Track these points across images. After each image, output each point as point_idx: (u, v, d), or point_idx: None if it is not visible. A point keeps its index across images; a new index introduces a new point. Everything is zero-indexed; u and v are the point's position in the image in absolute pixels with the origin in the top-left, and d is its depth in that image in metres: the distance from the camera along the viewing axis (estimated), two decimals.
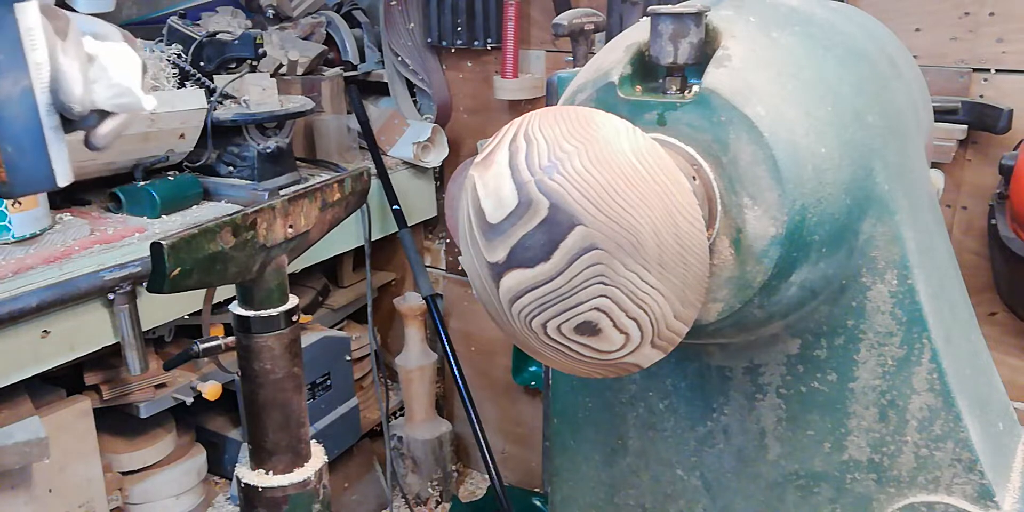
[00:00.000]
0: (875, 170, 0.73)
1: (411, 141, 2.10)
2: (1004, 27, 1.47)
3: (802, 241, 0.69)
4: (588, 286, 0.60)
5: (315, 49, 2.02)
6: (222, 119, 1.58)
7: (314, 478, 0.96)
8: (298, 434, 0.95)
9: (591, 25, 1.33)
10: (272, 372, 0.91)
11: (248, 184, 1.65)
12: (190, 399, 1.65)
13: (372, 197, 2.00)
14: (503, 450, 2.42)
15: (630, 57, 0.75)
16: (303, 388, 0.95)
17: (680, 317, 0.63)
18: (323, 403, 2.00)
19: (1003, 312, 1.59)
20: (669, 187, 0.60)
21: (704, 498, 0.93)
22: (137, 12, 1.99)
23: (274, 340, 0.90)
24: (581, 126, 0.61)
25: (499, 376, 2.34)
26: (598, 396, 0.97)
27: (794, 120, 0.68)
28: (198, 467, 1.82)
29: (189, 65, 1.66)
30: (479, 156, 0.64)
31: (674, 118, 0.71)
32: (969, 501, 0.78)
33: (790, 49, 0.73)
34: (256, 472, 0.95)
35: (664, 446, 0.94)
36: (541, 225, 0.59)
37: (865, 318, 0.77)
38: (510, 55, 1.97)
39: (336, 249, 1.97)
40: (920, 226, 0.79)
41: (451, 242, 2.36)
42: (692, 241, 0.61)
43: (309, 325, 2.02)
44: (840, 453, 0.82)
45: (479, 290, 0.67)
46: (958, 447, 0.77)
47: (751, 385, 0.85)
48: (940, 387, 0.77)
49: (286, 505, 0.94)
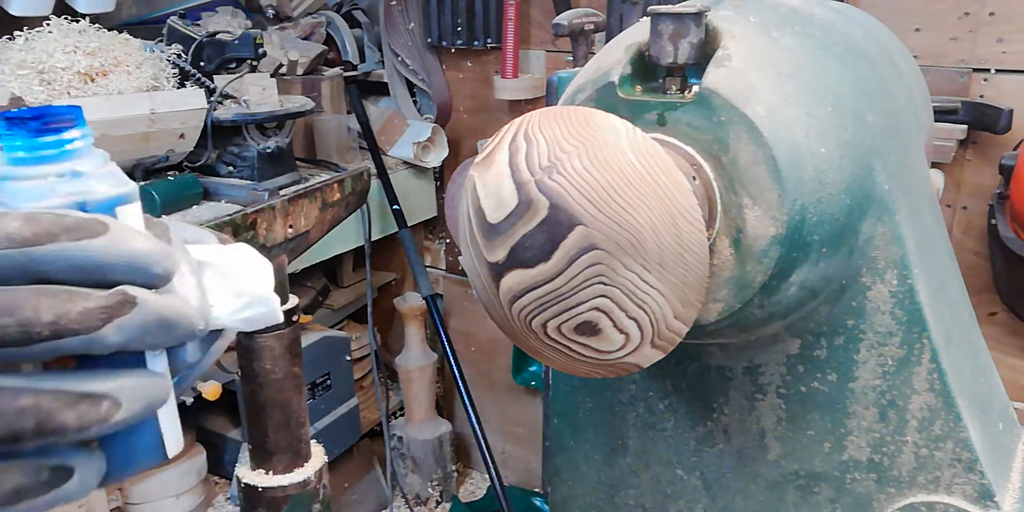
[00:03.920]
0: (875, 170, 0.73)
1: (411, 141, 2.10)
2: (1004, 27, 1.47)
3: (802, 241, 0.69)
4: (588, 286, 0.60)
5: (315, 49, 2.02)
6: (222, 119, 1.58)
7: (314, 478, 0.96)
8: (298, 434, 0.95)
9: (591, 25, 1.33)
10: (272, 372, 0.91)
11: (248, 184, 1.65)
12: (190, 399, 1.65)
13: (372, 197, 2.00)
14: (503, 450, 2.42)
15: (630, 57, 0.75)
16: (303, 388, 0.95)
17: (680, 317, 0.63)
18: (323, 403, 2.00)
19: (1003, 312, 1.59)
20: (669, 187, 0.60)
21: (704, 498, 0.93)
22: (137, 12, 1.99)
23: (274, 340, 0.90)
24: (581, 126, 0.61)
25: (499, 376, 2.34)
26: (598, 396, 0.97)
27: (794, 120, 0.68)
28: (198, 467, 1.82)
29: (189, 65, 1.66)
30: (479, 156, 0.64)
31: (674, 118, 0.71)
32: (969, 501, 0.78)
33: (790, 49, 0.73)
34: (256, 472, 0.95)
35: (664, 446, 0.94)
36: (541, 225, 0.59)
37: (865, 318, 0.77)
38: (510, 55, 1.97)
39: (336, 249, 1.97)
40: (920, 226, 0.79)
41: (451, 242, 2.36)
42: (692, 241, 0.61)
43: (309, 325, 2.02)
44: (840, 453, 0.82)
45: (479, 290, 0.67)
46: (958, 447, 0.77)
47: (751, 385, 0.85)
48: (940, 387, 0.77)
49: (286, 505, 0.94)
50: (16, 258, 0.30)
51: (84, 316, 0.31)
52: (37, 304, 0.30)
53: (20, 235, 0.30)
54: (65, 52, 1.45)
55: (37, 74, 1.42)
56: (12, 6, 1.56)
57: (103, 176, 0.36)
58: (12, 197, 0.34)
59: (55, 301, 0.31)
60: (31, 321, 0.30)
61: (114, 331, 0.31)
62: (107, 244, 0.32)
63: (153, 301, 0.33)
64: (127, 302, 0.32)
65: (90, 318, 0.31)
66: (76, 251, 0.31)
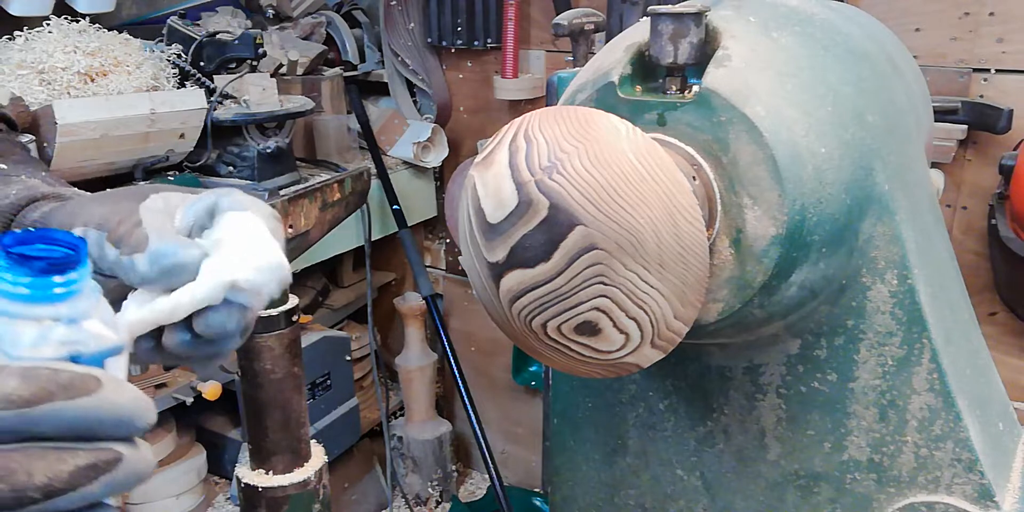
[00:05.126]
0: (875, 170, 0.73)
1: (411, 141, 2.10)
2: (1004, 27, 1.47)
3: (802, 241, 0.69)
4: (588, 286, 0.60)
5: (315, 49, 2.02)
6: (222, 119, 1.58)
7: (314, 478, 0.96)
8: (298, 434, 0.95)
9: (591, 25, 1.33)
10: (272, 372, 0.91)
11: (248, 184, 1.65)
12: (190, 399, 1.65)
13: (372, 197, 2.00)
14: (503, 450, 2.42)
15: (630, 57, 0.75)
16: (303, 388, 0.95)
17: (680, 317, 0.63)
18: (323, 403, 2.00)
19: (1003, 312, 1.59)
20: (669, 187, 0.60)
21: (704, 498, 0.93)
22: (137, 12, 1.99)
23: (274, 340, 0.90)
24: (581, 126, 0.61)
25: (499, 376, 2.34)
26: (598, 396, 0.97)
27: (794, 120, 0.68)
28: (198, 467, 1.82)
29: (189, 65, 1.66)
30: (479, 156, 0.64)
31: (674, 118, 0.71)
32: (969, 501, 0.78)
33: (790, 49, 0.73)
34: (256, 472, 0.95)
35: (664, 446, 0.94)
36: (541, 225, 0.59)
37: (865, 318, 0.77)
38: (510, 55, 1.97)
39: (336, 249, 1.97)
40: (920, 226, 0.79)
41: (451, 242, 2.36)
42: (692, 241, 0.61)
43: (309, 325, 2.02)
44: (840, 453, 0.82)
45: (479, 290, 0.67)
46: (958, 447, 0.77)
47: (751, 385, 0.85)
48: (940, 387, 0.77)
49: (286, 505, 0.94)
50: (11, 420, 0.31)
51: (75, 476, 0.32)
52: (31, 468, 0.31)
53: (18, 396, 0.31)
54: (65, 52, 1.45)
55: (37, 74, 1.42)
56: (12, 6, 1.56)
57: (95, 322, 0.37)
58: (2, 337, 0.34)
59: (46, 463, 0.31)
60: (24, 486, 0.31)
61: (100, 487, 0.32)
62: (98, 402, 0.33)
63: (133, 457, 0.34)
64: (115, 460, 0.33)
65: (80, 477, 0.32)
66: (70, 410, 0.32)
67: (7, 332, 0.34)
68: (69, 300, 0.36)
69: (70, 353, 0.35)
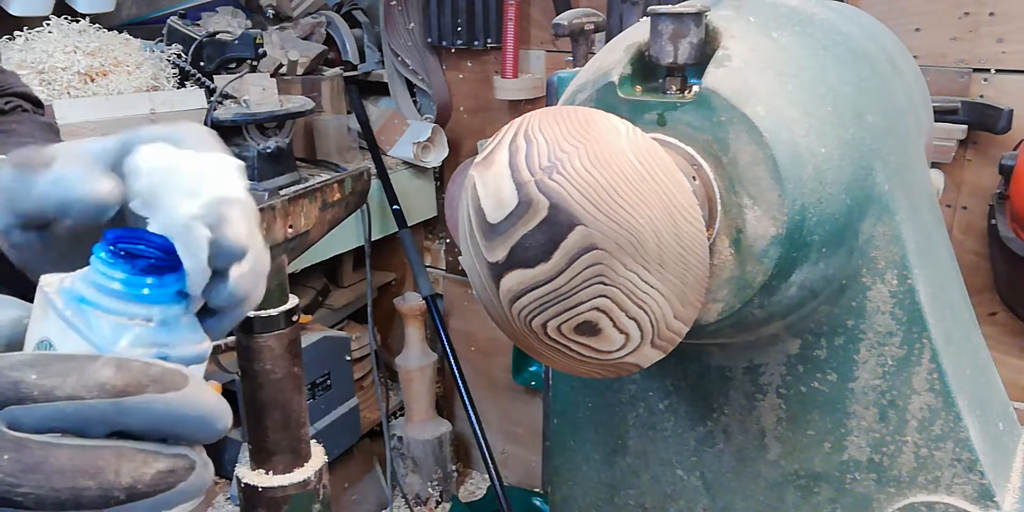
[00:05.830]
0: (875, 170, 0.73)
1: (411, 141, 2.10)
2: (1004, 27, 1.47)
3: (802, 241, 0.69)
4: (588, 286, 0.60)
5: (315, 49, 2.02)
6: (222, 119, 1.58)
7: (314, 478, 0.96)
8: (298, 434, 0.95)
9: (591, 25, 1.33)
10: (272, 372, 0.91)
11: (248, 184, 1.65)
12: None
13: (372, 197, 2.00)
14: (503, 450, 2.42)
15: (630, 57, 0.75)
16: (303, 388, 0.95)
17: (680, 317, 0.63)
18: (323, 403, 2.00)
19: (1003, 312, 1.59)
20: (669, 187, 0.60)
21: (704, 498, 0.93)
22: (137, 12, 1.99)
23: (274, 340, 0.90)
24: (581, 126, 0.61)
25: (499, 376, 2.34)
26: (598, 396, 0.97)
27: (794, 120, 0.68)
28: None
29: (189, 65, 1.66)
30: (479, 156, 0.64)
31: (674, 118, 0.71)
32: (969, 501, 0.78)
33: (790, 49, 0.73)
34: (256, 472, 0.95)
35: (664, 446, 0.94)
36: (541, 225, 0.59)
37: (865, 318, 0.77)
38: (510, 55, 1.97)
39: (336, 249, 1.97)
40: (920, 226, 0.79)
41: (451, 242, 2.36)
42: (692, 241, 0.61)
43: (309, 325, 2.02)
44: (840, 453, 0.82)
45: (479, 290, 0.67)
46: (958, 447, 0.77)
47: (751, 385, 0.85)
48: (940, 387, 0.77)
49: (286, 505, 0.94)
50: (106, 409, 0.31)
51: (156, 480, 0.32)
52: (119, 467, 0.31)
53: (112, 385, 0.31)
54: (65, 52, 1.45)
55: (37, 74, 1.42)
56: (12, 6, 1.56)
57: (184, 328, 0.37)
58: (90, 327, 0.34)
59: (134, 464, 0.32)
60: (112, 485, 0.31)
61: (175, 494, 0.33)
62: (185, 398, 0.33)
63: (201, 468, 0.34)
64: (190, 468, 0.33)
65: (161, 482, 0.32)
66: (160, 403, 0.32)
67: (99, 325, 0.34)
68: (162, 303, 0.36)
69: (157, 354, 0.36)
